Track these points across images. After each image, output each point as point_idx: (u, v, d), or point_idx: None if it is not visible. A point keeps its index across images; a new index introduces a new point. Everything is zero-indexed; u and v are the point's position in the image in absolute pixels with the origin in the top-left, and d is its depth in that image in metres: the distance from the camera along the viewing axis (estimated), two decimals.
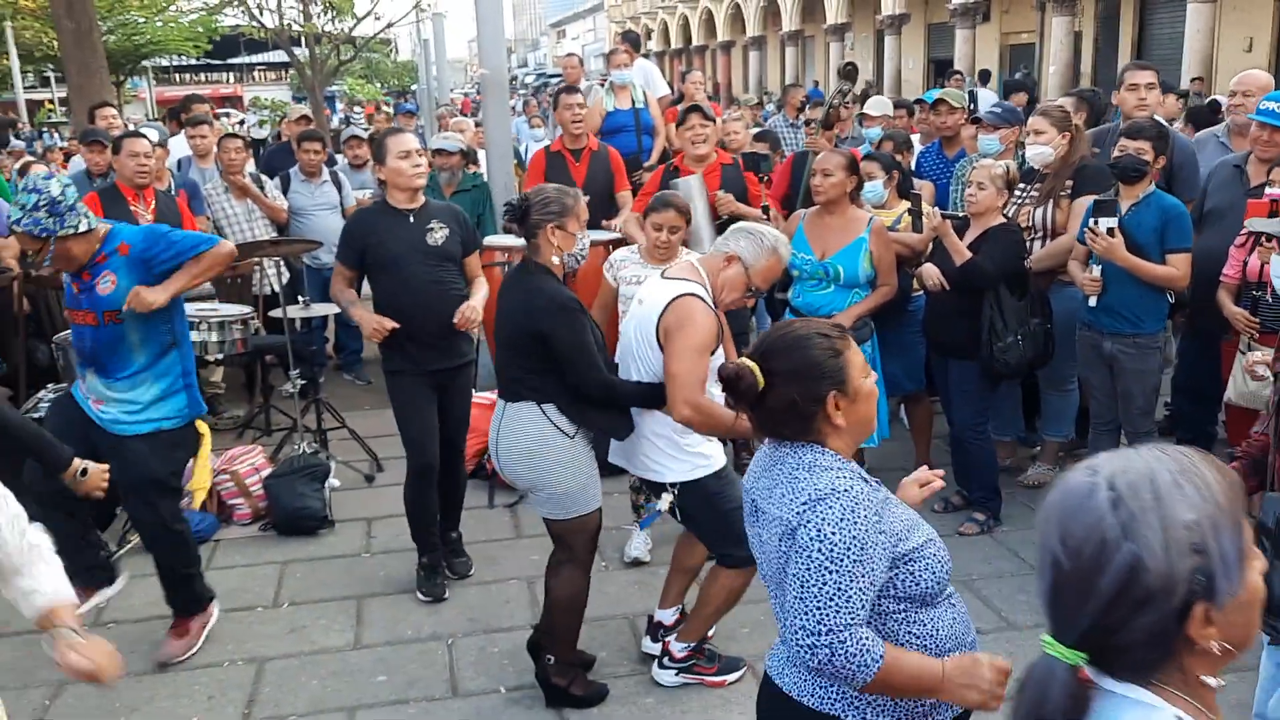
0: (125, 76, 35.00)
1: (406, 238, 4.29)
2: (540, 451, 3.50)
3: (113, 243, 3.76)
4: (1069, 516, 1.17)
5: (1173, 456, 1.18)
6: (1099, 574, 1.13)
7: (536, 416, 3.50)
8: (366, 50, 26.87)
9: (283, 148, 8.39)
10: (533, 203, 3.56)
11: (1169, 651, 1.16)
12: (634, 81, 7.94)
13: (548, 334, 3.42)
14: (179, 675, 3.93)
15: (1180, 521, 1.12)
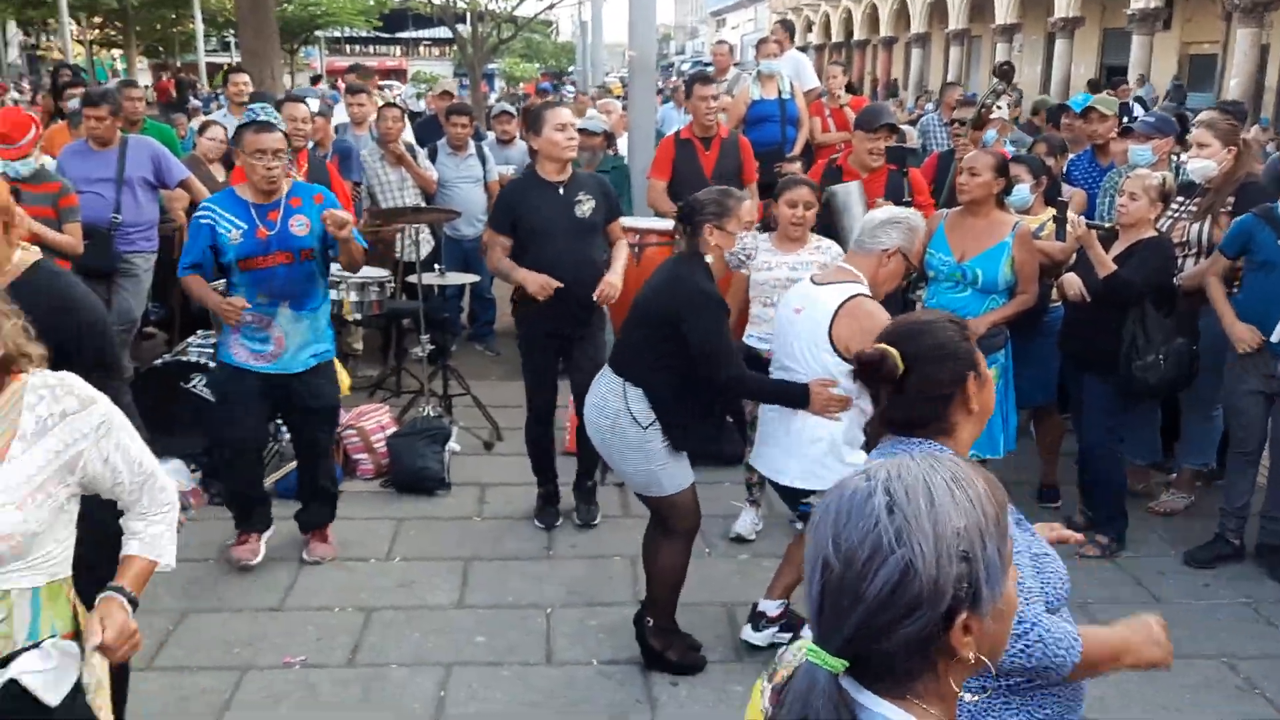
0: (299, 45, 36.59)
1: (555, 209, 4.52)
2: (611, 430, 3.60)
3: (306, 192, 4.23)
4: (844, 521, 1.13)
5: (945, 464, 1.16)
6: (869, 580, 1.09)
7: (617, 396, 3.59)
8: (527, 30, 27.32)
9: (431, 120, 8.62)
10: (696, 203, 3.65)
11: (929, 661, 1.13)
12: (782, 71, 7.86)
13: (684, 321, 3.49)
14: (291, 615, 4.12)
15: (951, 528, 1.10)
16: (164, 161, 6.12)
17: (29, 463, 1.83)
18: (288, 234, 4.15)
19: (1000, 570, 1.13)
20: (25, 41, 39.26)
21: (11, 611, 1.86)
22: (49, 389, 1.89)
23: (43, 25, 35.78)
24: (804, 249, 4.64)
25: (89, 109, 5.95)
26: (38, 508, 1.84)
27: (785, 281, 4.58)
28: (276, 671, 3.74)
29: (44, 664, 1.85)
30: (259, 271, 4.15)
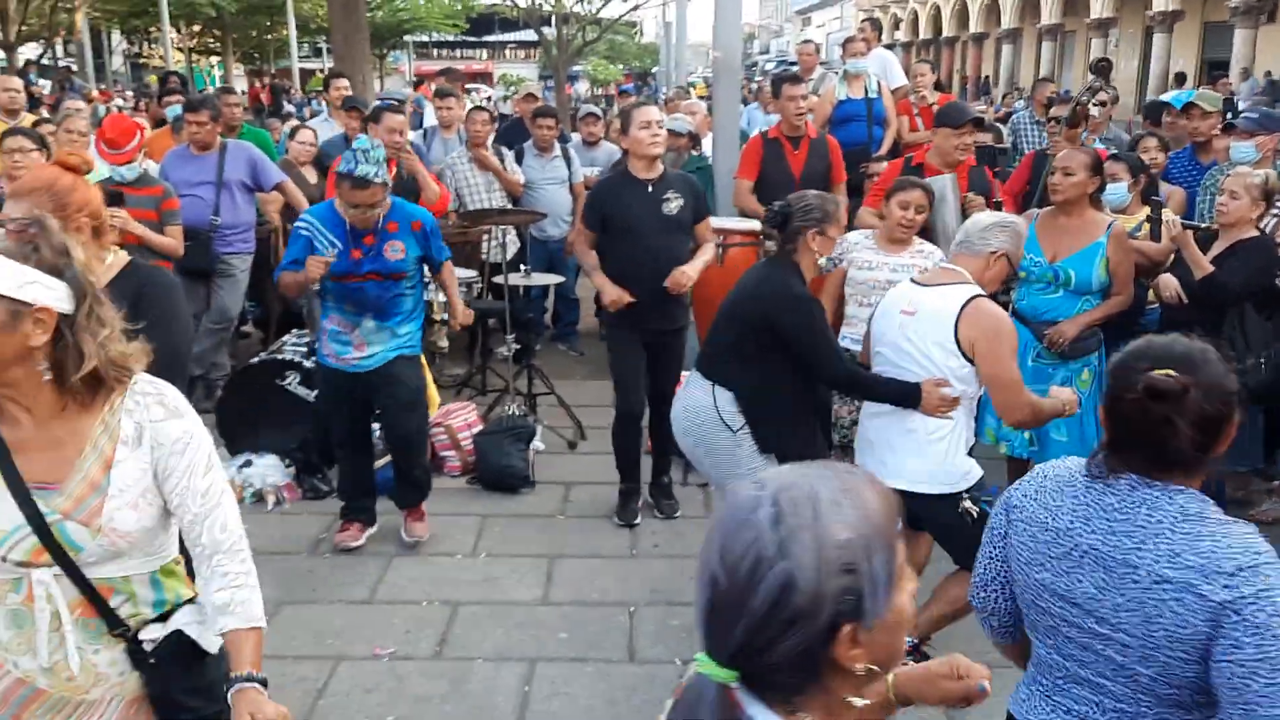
0: (387, 50, 37.29)
1: (643, 206, 4.57)
2: (700, 432, 3.61)
3: (405, 216, 4.31)
4: (730, 532, 1.12)
5: (836, 474, 1.15)
6: (752, 592, 1.09)
7: (707, 399, 3.61)
8: (611, 31, 27.47)
9: (517, 123, 8.72)
10: (795, 209, 3.62)
11: (815, 673, 1.12)
12: (869, 70, 7.78)
13: (778, 324, 3.50)
14: (381, 608, 4.22)
15: (834, 541, 1.09)
16: (260, 165, 6.31)
17: (134, 466, 1.90)
18: (381, 257, 4.27)
19: (886, 583, 1.11)
20: (129, 50, 40.74)
21: (134, 594, 1.97)
22: (144, 395, 1.94)
23: (145, 33, 37.06)
24: (907, 251, 4.60)
25: (190, 115, 6.17)
26: (149, 505, 1.93)
27: (885, 283, 4.54)
28: (367, 662, 3.83)
29: (198, 615, 1.99)
30: (349, 285, 4.29)
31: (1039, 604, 1.94)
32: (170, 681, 1.97)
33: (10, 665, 1.92)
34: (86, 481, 1.88)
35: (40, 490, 1.85)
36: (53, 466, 1.87)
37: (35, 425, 1.86)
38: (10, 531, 1.84)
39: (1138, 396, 1.79)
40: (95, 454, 1.89)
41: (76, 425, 1.88)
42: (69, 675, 1.92)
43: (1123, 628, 1.81)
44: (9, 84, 7.44)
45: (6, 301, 1.74)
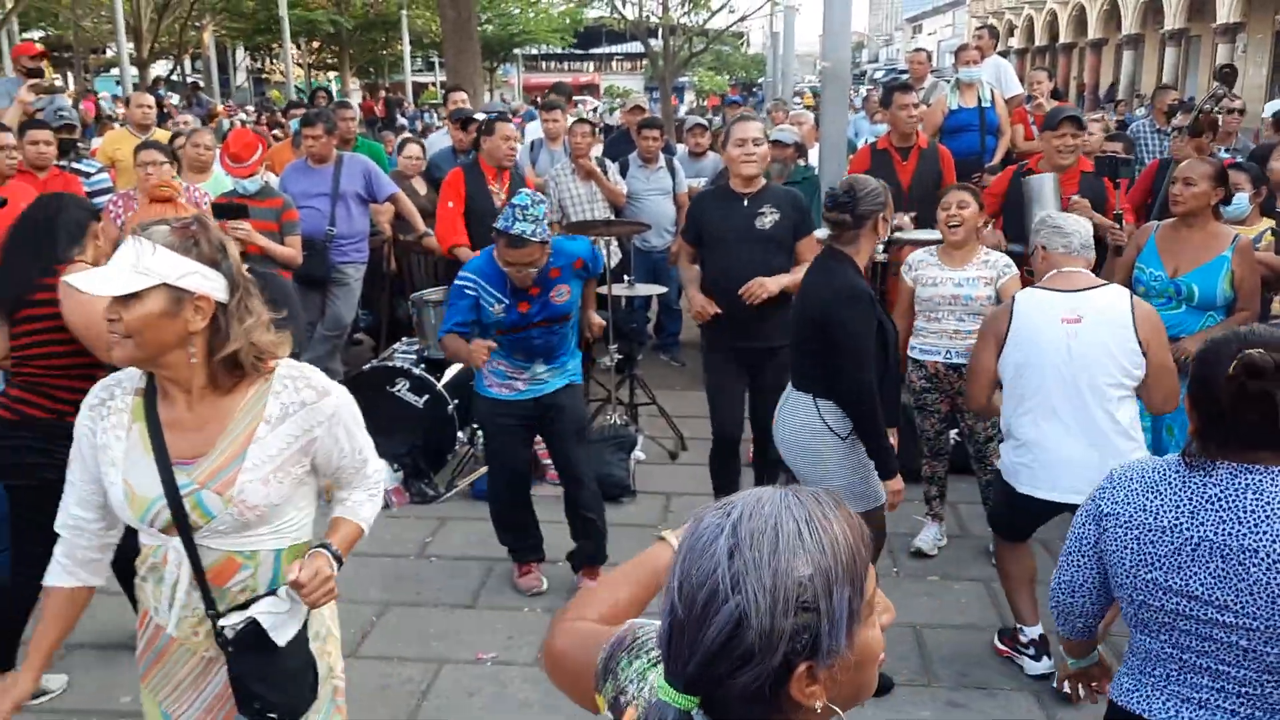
0: (497, 63, 37.99)
1: (737, 220, 4.50)
2: (808, 446, 3.56)
3: (565, 258, 4.12)
4: (690, 561, 1.08)
5: (804, 503, 1.09)
6: (706, 625, 1.05)
7: (811, 412, 3.56)
8: (718, 42, 27.49)
9: (623, 135, 8.79)
10: (862, 193, 3.52)
11: (772, 707, 1.07)
12: (982, 79, 7.62)
13: (832, 322, 3.45)
14: (483, 613, 4.28)
15: (793, 578, 1.04)
16: (374, 177, 6.48)
17: (271, 444, 2.07)
18: (549, 305, 4.12)
19: (847, 620, 1.06)
20: (252, 66, 42.37)
21: (257, 568, 2.13)
22: (292, 379, 2.10)
23: (268, 50, 38.51)
24: (971, 264, 4.52)
25: (306, 129, 6.37)
26: (279, 483, 2.08)
27: (950, 298, 4.51)
28: (470, 666, 3.89)
29: (277, 608, 2.10)
30: (518, 336, 4.16)
31: (1150, 602, 1.99)
32: (241, 666, 2.11)
33: (154, 612, 2.18)
34: (226, 455, 2.05)
35: (181, 465, 2.04)
36: (197, 443, 2.05)
37: (188, 405, 2.05)
38: (153, 500, 2.04)
39: (1234, 375, 1.84)
40: (238, 430, 2.06)
41: (223, 405, 2.07)
42: (196, 631, 2.15)
43: (1246, 612, 1.87)
44: (142, 100, 7.82)
45: (170, 289, 1.92)
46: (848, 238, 3.55)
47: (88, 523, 2.14)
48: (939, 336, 4.54)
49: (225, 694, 2.18)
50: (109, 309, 1.93)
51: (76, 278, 1.96)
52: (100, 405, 2.09)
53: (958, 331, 4.50)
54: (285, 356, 2.13)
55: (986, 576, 4.50)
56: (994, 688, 3.76)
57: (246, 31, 33.07)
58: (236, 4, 29.30)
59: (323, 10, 29.38)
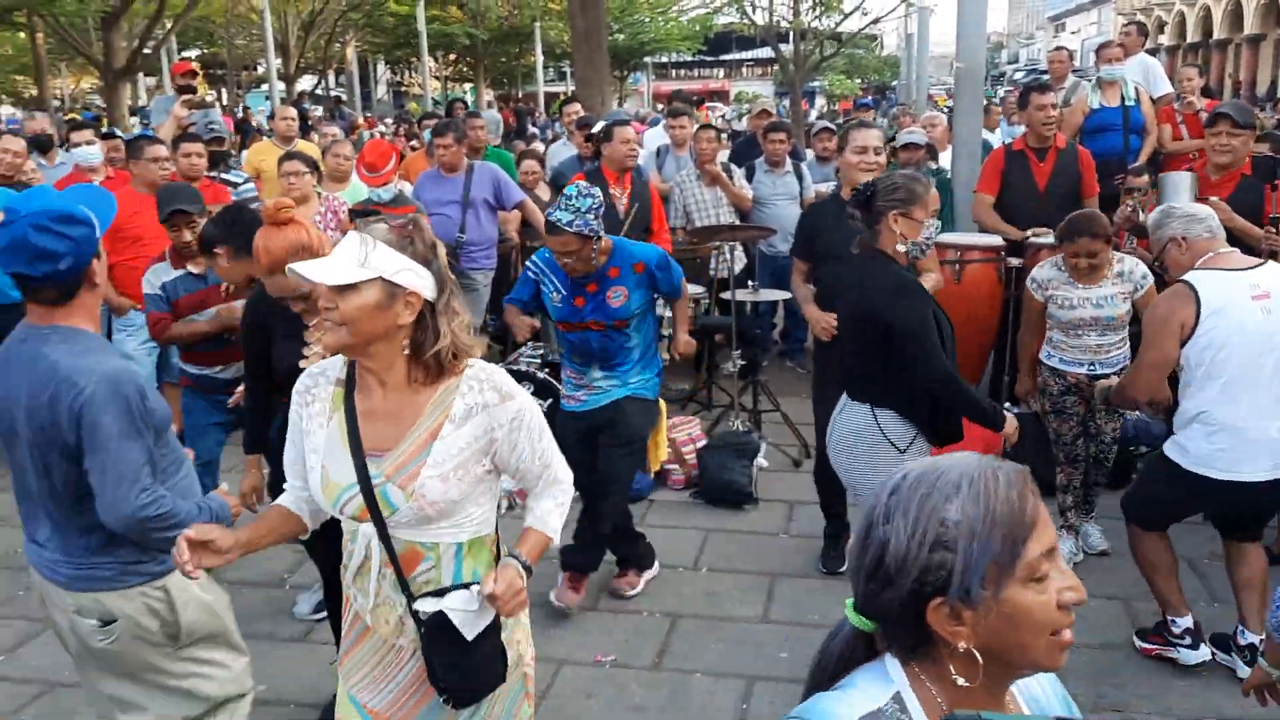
0: (627, 72, 38.31)
1: (850, 231, 4.31)
2: (862, 456, 3.42)
3: (627, 260, 4.09)
4: (872, 501, 1.27)
5: (984, 465, 1.22)
6: (864, 551, 1.25)
7: (868, 422, 3.42)
8: (850, 46, 27.14)
9: (750, 139, 8.74)
10: (879, 189, 3.44)
11: (922, 637, 1.23)
12: (1125, 77, 7.31)
13: (888, 320, 3.33)
14: (604, 616, 4.30)
15: (937, 517, 1.19)
16: (503, 185, 6.61)
17: (454, 442, 2.14)
18: (603, 305, 4.11)
19: (986, 569, 1.17)
20: (391, 79, 43.81)
21: (439, 559, 2.20)
22: (479, 381, 2.17)
23: (407, 64, 39.76)
24: (1106, 280, 4.36)
25: (438, 138, 6.54)
26: (459, 480, 2.15)
27: (1091, 320, 4.36)
28: (588, 668, 3.92)
29: (467, 605, 2.16)
30: (574, 334, 4.19)
31: None
32: (432, 650, 2.19)
33: (353, 598, 2.30)
34: (410, 450, 2.12)
35: (373, 455, 2.13)
36: (388, 435, 2.14)
37: (384, 397, 2.14)
38: (345, 488, 2.14)
39: None
40: (425, 426, 2.13)
41: (415, 400, 2.14)
42: (387, 619, 2.24)
43: None
44: (286, 113, 8.16)
45: (386, 283, 2.02)
46: (874, 233, 3.46)
47: (300, 490, 2.30)
48: (1082, 351, 4.42)
49: (413, 684, 2.27)
50: (326, 297, 2.03)
51: (302, 266, 2.06)
52: (305, 393, 2.22)
53: (1101, 346, 4.40)
54: (478, 358, 2.21)
55: (1125, 594, 4.31)
56: (1131, 711, 3.59)
57: (387, 46, 34.24)
58: (378, 20, 30.36)
59: (459, 24, 30.17)
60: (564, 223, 3.87)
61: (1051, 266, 4.54)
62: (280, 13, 25.74)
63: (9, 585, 4.62)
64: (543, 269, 4.21)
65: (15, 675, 3.87)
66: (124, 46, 17.74)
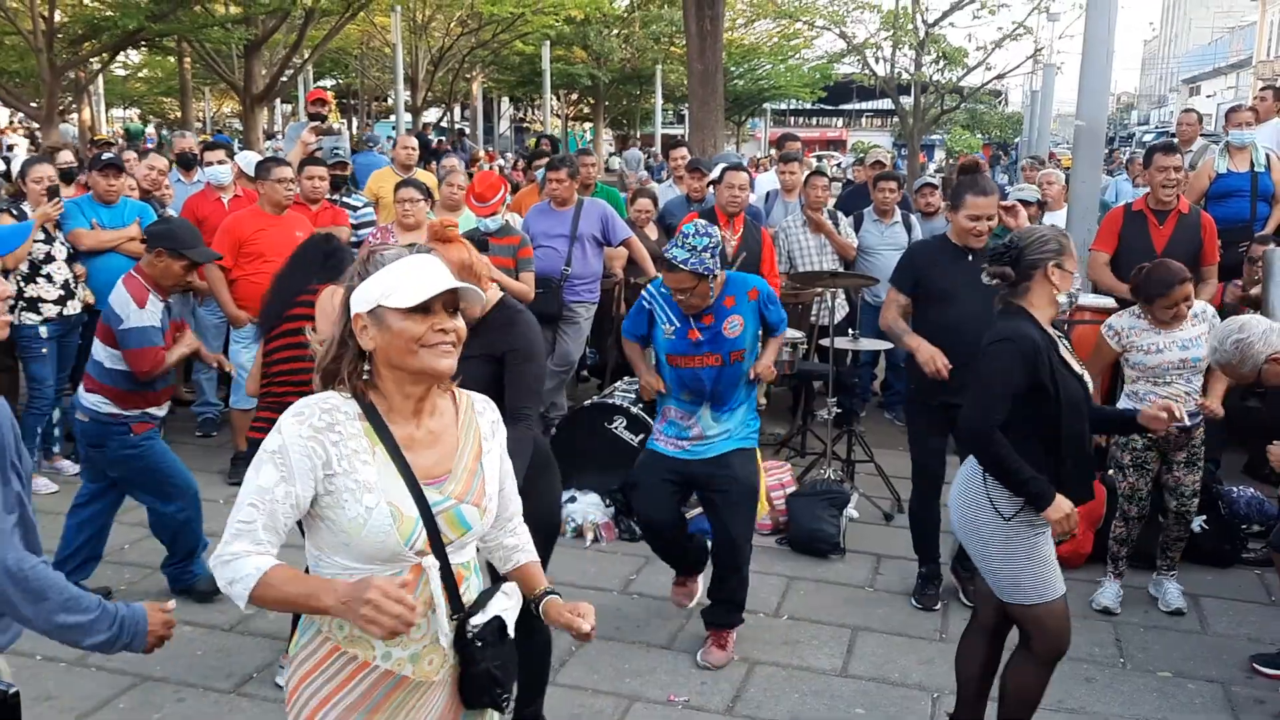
0: (746, 117, 38.50)
1: (961, 274, 4.36)
2: (972, 522, 3.27)
3: (741, 287, 4.12)
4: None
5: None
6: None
7: (977, 485, 3.26)
8: (972, 101, 26.80)
9: (859, 189, 8.70)
10: (1028, 242, 3.27)
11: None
12: (1256, 142, 7.07)
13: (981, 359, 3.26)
14: (680, 655, 4.27)
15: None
16: (611, 221, 6.70)
17: (495, 457, 2.21)
18: (720, 336, 4.07)
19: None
20: (515, 115, 44.86)
21: (470, 576, 2.17)
22: (483, 400, 2.24)
23: (530, 101, 40.69)
24: (1187, 322, 4.40)
25: (551, 173, 6.68)
26: (499, 493, 2.22)
27: (1178, 362, 4.37)
28: (660, 706, 3.89)
29: (509, 603, 2.15)
30: (685, 370, 4.12)
31: None
32: (490, 659, 2.10)
33: (378, 659, 2.03)
34: (469, 468, 2.12)
35: (428, 484, 2.05)
36: (439, 460, 2.08)
37: (419, 424, 2.08)
38: (416, 520, 2.01)
39: None
40: (469, 445, 2.14)
41: (444, 422, 2.13)
42: (430, 659, 2.06)
43: None
44: (407, 143, 8.44)
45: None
46: (1020, 291, 3.29)
47: (269, 547, 1.99)
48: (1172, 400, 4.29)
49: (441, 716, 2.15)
50: (442, 320, 1.98)
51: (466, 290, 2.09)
52: (328, 429, 1.98)
53: (1188, 393, 4.41)
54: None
55: (1226, 679, 4.10)
56: None
57: (511, 83, 35.12)
58: (504, 58, 31.18)
59: (583, 65, 30.78)
60: (679, 260, 3.90)
61: (1130, 315, 4.54)
62: (412, 47, 26.66)
63: (111, 577, 4.82)
64: (656, 299, 4.19)
65: (110, 666, 4.02)
66: (263, 74, 18.59)
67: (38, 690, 3.89)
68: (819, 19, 23.96)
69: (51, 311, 5.88)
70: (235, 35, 18.16)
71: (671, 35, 27.78)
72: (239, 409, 6.16)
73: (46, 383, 5.95)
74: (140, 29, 15.12)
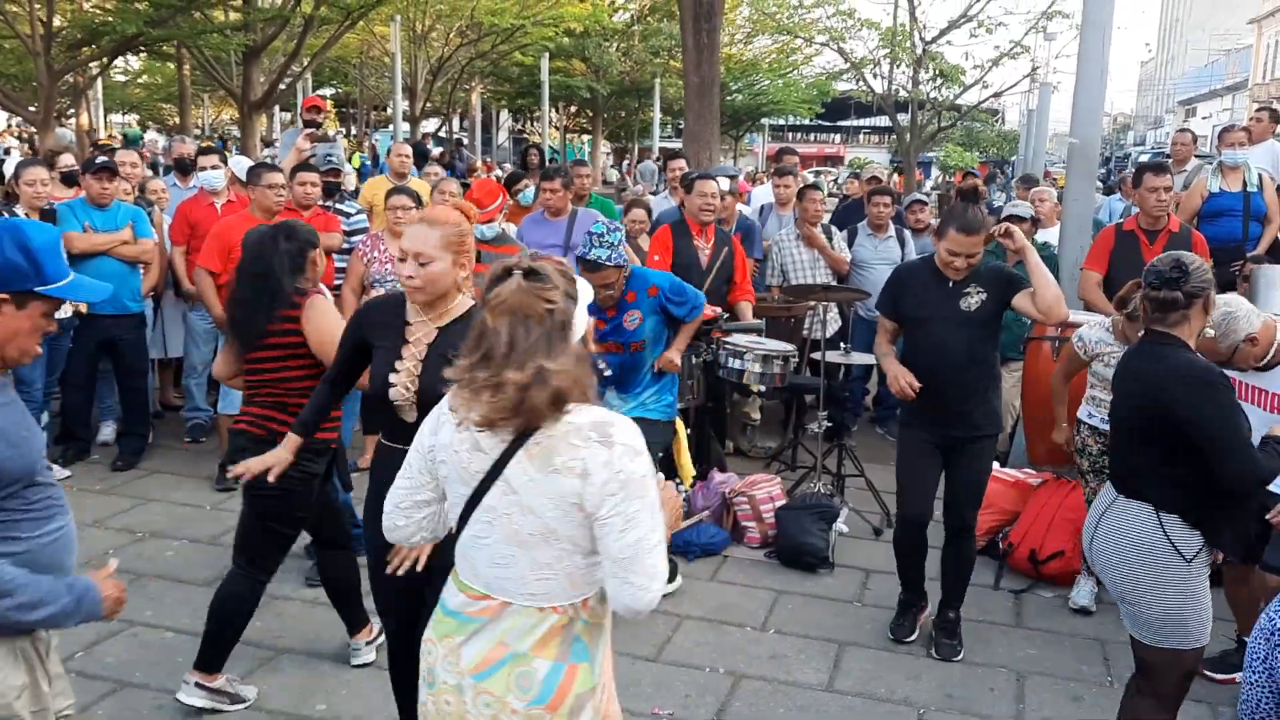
0: (744, 132, 38.60)
1: (940, 300, 4.26)
2: (1143, 564, 3.11)
3: (642, 284, 4.42)
4: None
5: None
6: None
7: (1151, 526, 3.11)
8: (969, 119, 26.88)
9: (854, 204, 8.70)
10: (1192, 269, 3.09)
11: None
12: (1249, 162, 7.09)
13: (1186, 418, 3.00)
14: (665, 669, 4.24)
15: None
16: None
17: None
18: (620, 328, 4.40)
19: None
20: (513, 127, 44.95)
21: None
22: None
23: (528, 113, 40.78)
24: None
25: (545, 183, 6.67)
26: None
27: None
28: (644, 719, 3.86)
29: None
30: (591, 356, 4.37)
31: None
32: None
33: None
34: None
35: None
36: None
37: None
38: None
39: None
40: None
41: None
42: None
43: None
44: (401, 150, 8.44)
45: None
46: (1174, 319, 3.11)
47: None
48: None
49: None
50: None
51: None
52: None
53: None
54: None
55: (1214, 698, 4.08)
56: None
57: (510, 95, 35.18)
58: (503, 70, 31.25)
59: (581, 77, 30.87)
60: (603, 259, 4.21)
61: (1100, 329, 4.63)
62: (411, 56, 26.70)
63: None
64: None
65: (90, 671, 3.99)
66: (262, 81, 18.58)
67: None
68: (818, 35, 24.02)
69: None
70: (234, 42, 18.16)
71: (671, 49, 27.85)
72: (227, 414, 6.13)
73: (35, 385, 5.93)
74: (139, 34, 15.13)
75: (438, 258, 2.92)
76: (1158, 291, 3.10)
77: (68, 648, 4.07)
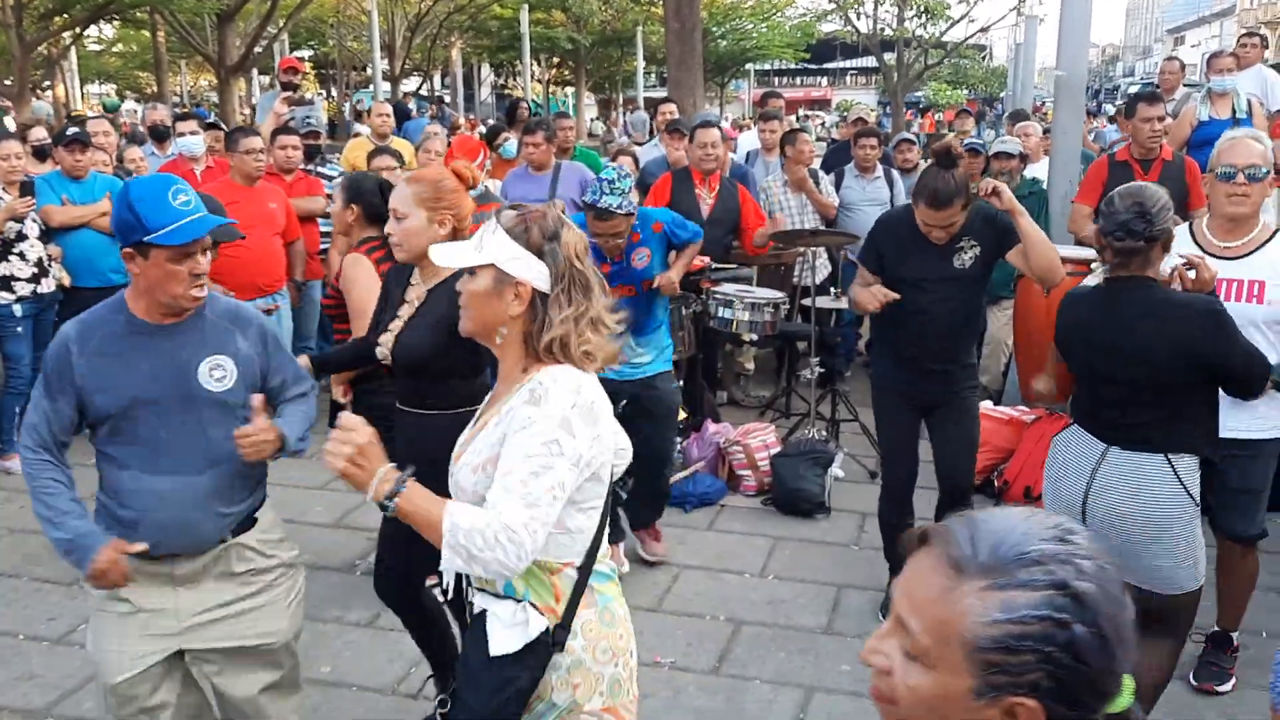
0: (729, 78, 38.22)
1: (930, 259, 3.88)
2: (1159, 518, 3.01)
3: (645, 223, 4.37)
4: None
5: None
6: None
7: (1166, 476, 3.01)
8: (956, 55, 26.67)
9: (841, 147, 8.63)
10: (1154, 208, 2.98)
11: None
12: (1237, 89, 7.01)
13: (1212, 352, 2.94)
14: (666, 618, 4.27)
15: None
16: (589, 184, 6.62)
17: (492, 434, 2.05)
18: (630, 268, 4.33)
19: None
20: (495, 82, 44.49)
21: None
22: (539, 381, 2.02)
23: (510, 67, 40.34)
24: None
25: (527, 136, 6.60)
26: (486, 475, 2.00)
27: None
28: (647, 669, 3.88)
29: (508, 617, 2.03)
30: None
31: None
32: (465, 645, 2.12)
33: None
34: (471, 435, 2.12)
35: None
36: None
37: (499, 385, 2.11)
38: None
39: None
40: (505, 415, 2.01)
41: (510, 389, 2.06)
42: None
43: None
44: (382, 110, 8.35)
45: (497, 271, 2.01)
46: (1139, 263, 3.02)
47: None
48: None
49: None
50: (460, 280, 2.07)
51: (434, 249, 2.12)
52: None
53: None
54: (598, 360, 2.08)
55: None
56: None
57: (491, 49, 34.78)
58: (482, 23, 30.85)
59: (562, 28, 30.49)
60: (614, 206, 4.05)
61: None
62: (388, 14, 26.36)
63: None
64: None
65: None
66: (237, 44, 18.35)
67: (21, 669, 3.88)
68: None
69: (25, 290, 5.80)
70: (207, 5, 17.90)
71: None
72: None
73: (23, 361, 5.89)
74: (110, 1, 14.89)
75: (411, 214, 3.00)
76: (1122, 243, 3.00)
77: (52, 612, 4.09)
